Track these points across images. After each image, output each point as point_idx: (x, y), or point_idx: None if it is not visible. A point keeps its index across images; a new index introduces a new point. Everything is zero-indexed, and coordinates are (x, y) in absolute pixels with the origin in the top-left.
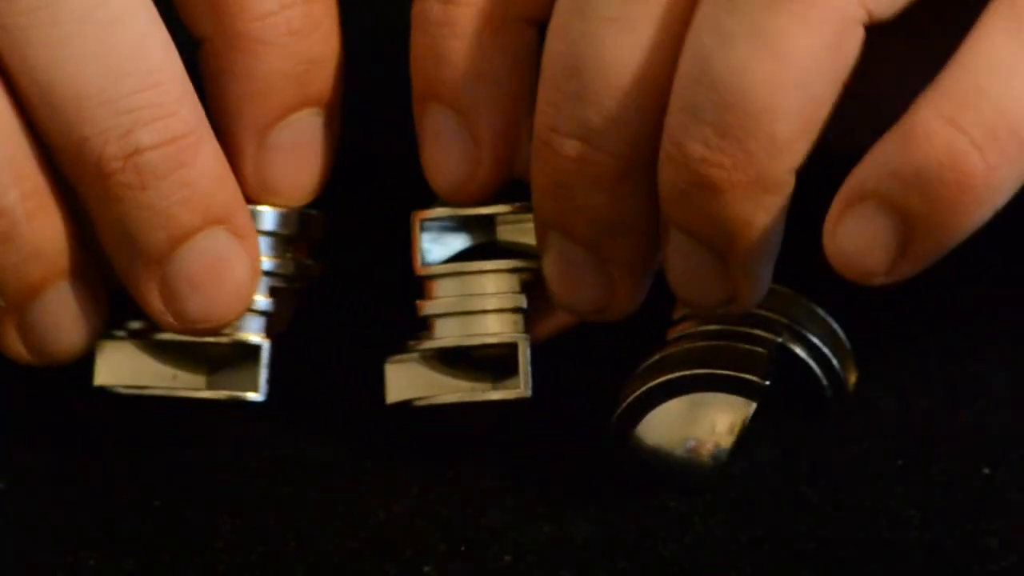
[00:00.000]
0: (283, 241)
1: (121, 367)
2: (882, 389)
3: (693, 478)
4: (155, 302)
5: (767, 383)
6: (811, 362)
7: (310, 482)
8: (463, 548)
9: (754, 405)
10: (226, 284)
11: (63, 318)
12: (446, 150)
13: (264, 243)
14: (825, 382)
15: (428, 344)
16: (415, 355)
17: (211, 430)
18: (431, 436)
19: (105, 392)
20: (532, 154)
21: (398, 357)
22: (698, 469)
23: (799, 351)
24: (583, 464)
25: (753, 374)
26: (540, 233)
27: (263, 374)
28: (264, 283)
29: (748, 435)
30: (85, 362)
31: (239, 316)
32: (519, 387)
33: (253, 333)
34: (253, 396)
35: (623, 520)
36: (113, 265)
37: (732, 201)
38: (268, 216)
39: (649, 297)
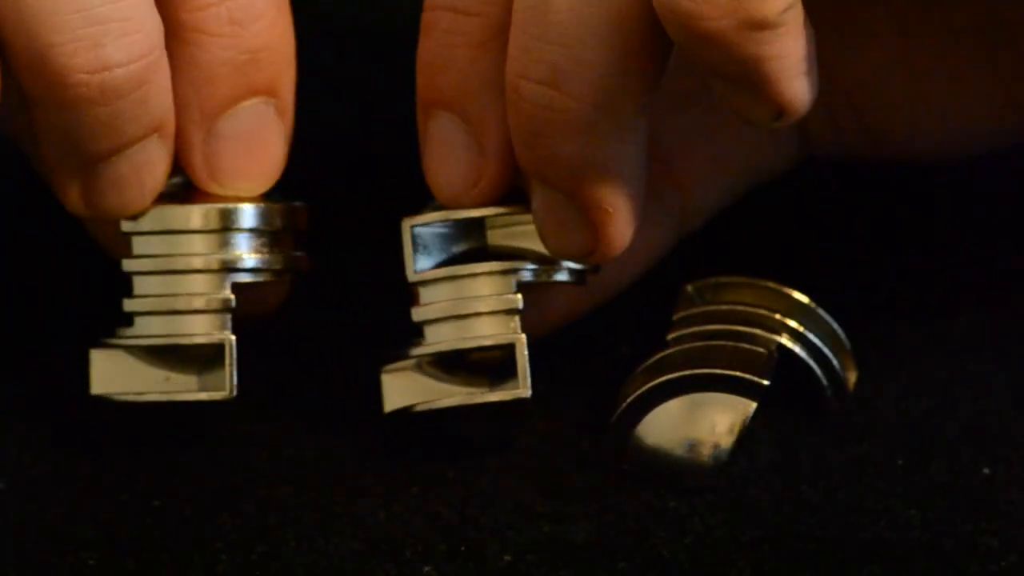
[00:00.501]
0: (267, 235)
1: (115, 375)
2: (882, 389)
3: (693, 478)
4: (72, 194)
5: (767, 383)
6: (811, 362)
7: (310, 482)
8: (463, 548)
9: (754, 405)
10: (144, 184)
11: None
12: (451, 157)
13: (246, 238)
14: (825, 382)
15: (424, 349)
16: (411, 363)
17: (211, 430)
18: (431, 436)
19: (103, 399)
20: (507, 102)
21: (394, 365)
22: (698, 469)
23: (799, 351)
24: (583, 464)
25: (753, 374)
26: (525, 180)
27: (230, 371)
28: (228, 279)
29: (748, 435)
30: (84, 366)
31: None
32: (518, 387)
33: (219, 331)
34: (220, 395)
35: (623, 520)
36: (44, 160)
37: (739, 45)
38: (249, 212)
39: (649, 297)
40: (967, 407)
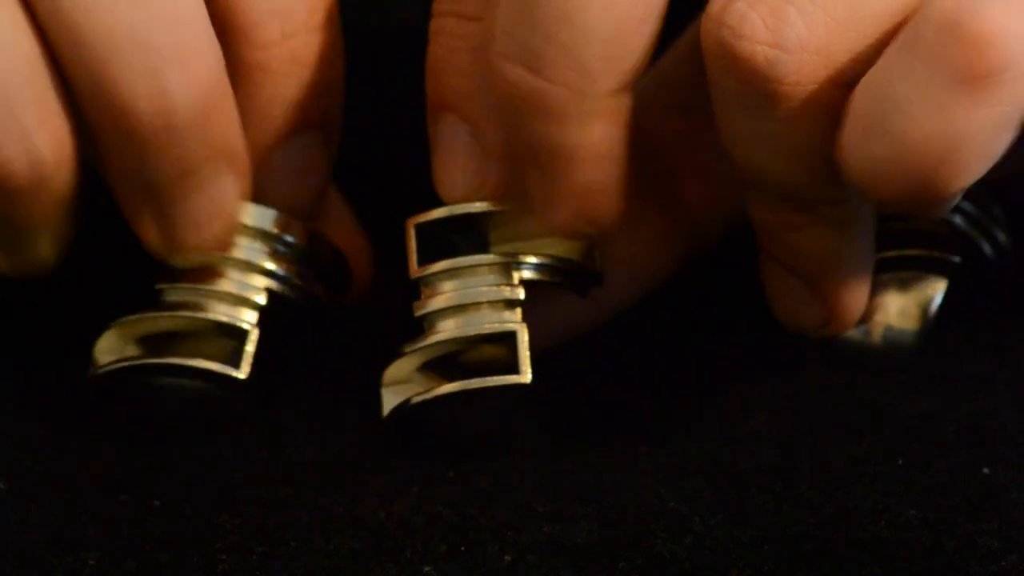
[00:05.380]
0: (303, 258)
1: (125, 346)
2: (882, 389)
3: (859, 356)
4: (151, 232)
5: (956, 259)
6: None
7: (310, 482)
8: (463, 548)
9: (940, 285)
10: (221, 220)
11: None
12: (456, 160)
13: (283, 251)
14: (990, 251)
15: (425, 341)
16: (410, 370)
17: (211, 430)
18: (431, 436)
19: (100, 383)
20: (490, 83)
21: (392, 375)
22: (869, 350)
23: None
24: (583, 464)
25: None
26: (517, 162)
27: (248, 354)
28: (265, 283)
29: (749, 433)
30: (87, 362)
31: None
32: (518, 373)
33: (242, 320)
34: (235, 373)
35: (623, 520)
36: (116, 193)
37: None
38: (298, 228)
39: (650, 298)
40: (967, 407)
